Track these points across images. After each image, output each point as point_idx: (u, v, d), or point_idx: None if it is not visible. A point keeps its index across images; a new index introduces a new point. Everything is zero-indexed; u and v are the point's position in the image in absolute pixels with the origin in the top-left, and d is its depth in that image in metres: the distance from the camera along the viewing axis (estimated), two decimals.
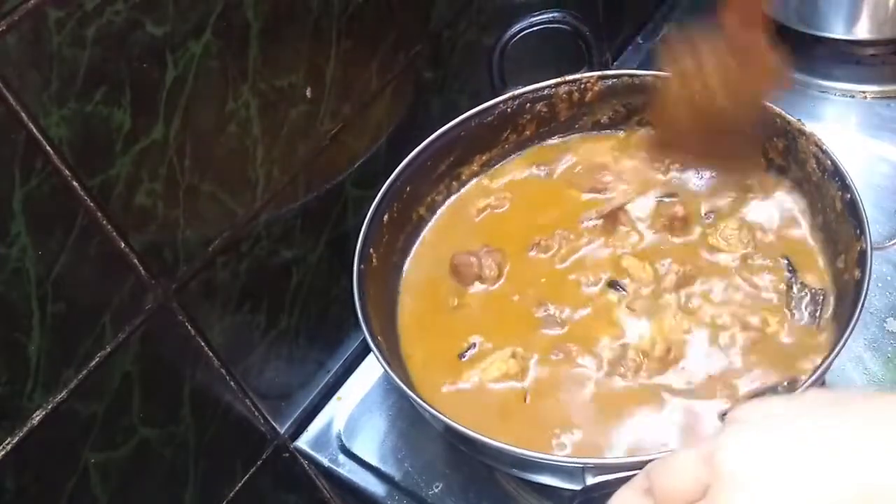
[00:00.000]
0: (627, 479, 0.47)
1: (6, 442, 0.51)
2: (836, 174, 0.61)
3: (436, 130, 0.69)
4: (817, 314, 0.60)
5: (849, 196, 0.59)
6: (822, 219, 0.64)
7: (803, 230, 0.65)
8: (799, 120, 0.64)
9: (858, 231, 0.58)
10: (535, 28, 0.72)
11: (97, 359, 0.54)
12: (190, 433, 0.62)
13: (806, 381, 0.55)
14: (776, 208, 0.67)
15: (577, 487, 0.51)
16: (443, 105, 0.76)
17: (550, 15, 0.72)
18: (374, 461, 0.70)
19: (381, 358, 0.57)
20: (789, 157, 0.66)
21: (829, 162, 0.62)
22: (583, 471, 0.51)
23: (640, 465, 0.47)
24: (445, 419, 0.54)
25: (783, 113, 0.65)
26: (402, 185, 0.68)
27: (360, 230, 0.64)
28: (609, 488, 0.48)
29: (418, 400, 0.56)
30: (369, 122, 0.69)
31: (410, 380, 0.61)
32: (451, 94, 0.76)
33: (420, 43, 0.71)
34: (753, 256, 0.64)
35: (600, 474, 0.50)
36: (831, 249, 0.63)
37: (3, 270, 0.47)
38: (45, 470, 0.54)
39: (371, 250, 0.64)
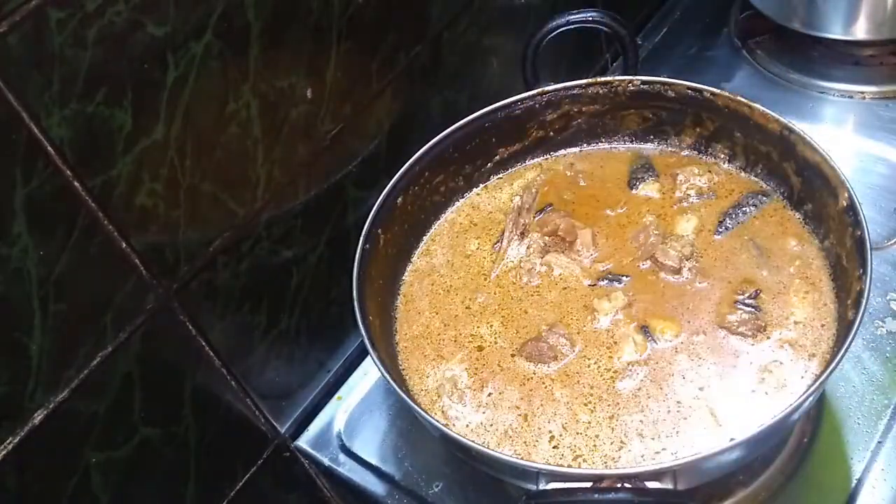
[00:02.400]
0: (578, 490, 0.50)
1: (7, 441, 0.51)
2: (833, 175, 0.61)
3: (436, 131, 0.69)
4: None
5: (846, 195, 0.60)
6: (820, 219, 0.64)
7: (801, 231, 0.66)
8: (791, 121, 0.64)
9: (857, 231, 0.58)
10: (570, 27, 0.72)
11: (98, 358, 0.54)
12: (191, 433, 0.63)
13: (810, 386, 0.55)
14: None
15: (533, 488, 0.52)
16: (443, 105, 0.76)
17: (588, 14, 0.72)
18: (374, 460, 0.70)
19: (380, 365, 0.57)
20: (783, 158, 0.66)
21: (823, 162, 0.62)
22: (537, 475, 0.52)
23: (594, 478, 0.50)
24: (442, 427, 0.54)
25: (774, 115, 0.65)
26: (420, 171, 0.68)
27: (360, 230, 0.64)
28: (557, 497, 0.51)
29: (416, 407, 0.56)
30: (369, 123, 0.69)
31: (408, 385, 0.62)
32: (450, 94, 0.76)
33: (420, 44, 0.71)
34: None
35: (553, 481, 0.51)
36: (831, 253, 0.63)
37: (4, 270, 0.47)
38: (46, 469, 0.54)
39: (379, 230, 0.65)
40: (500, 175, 0.74)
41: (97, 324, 0.53)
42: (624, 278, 0.65)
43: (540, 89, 0.71)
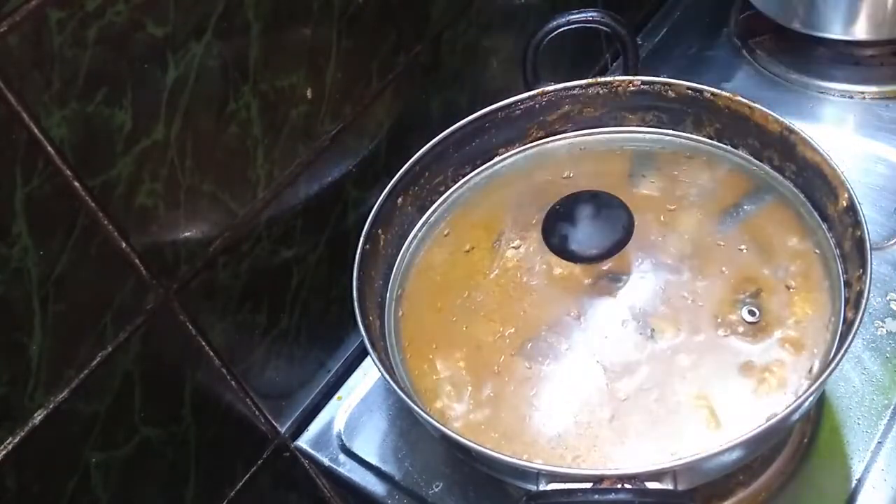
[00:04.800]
0: (578, 490, 0.50)
1: (7, 441, 0.51)
2: (833, 175, 0.61)
3: (436, 131, 0.69)
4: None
5: (846, 195, 0.60)
6: (820, 218, 0.64)
7: (802, 231, 0.66)
8: (791, 121, 0.64)
9: (857, 232, 0.58)
10: (570, 27, 0.72)
11: (98, 358, 0.54)
12: (191, 433, 0.63)
13: (810, 386, 0.55)
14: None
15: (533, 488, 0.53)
16: (443, 106, 0.76)
17: (588, 14, 0.72)
18: (374, 460, 0.70)
19: (380, 365, 0.57)
20: (784, 158, 0.66)
21: (824, 162, 0.62)
22: (537, 476, 0.52)
23: (594, 478, 0.50)
24: (442, 427, 0.54)
25: (775, 115, 0.65)
26: (420, 171, 0.68)
27: (360, 230, 0.64)
28: (557, 497, 0.51)
29: (415, 407, 0.56)
30: (369, 123, 0.69)
31: (408, 385, 0.62)
32: (450, 94, 0.76)
33: (420, 43, 0.71)
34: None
35: (553, 482, 0.51)
36: (831, 253, 0.63)
37: (4, 270, 0.47)
38: (46, 469, 0.54)
39: (379, 230, 0.65)
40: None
41: (97, 324, 0.54)
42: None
43: (540, 89, 0.71)
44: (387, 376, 0.56)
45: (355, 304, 0.60)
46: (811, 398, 0.53)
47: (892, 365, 0.67)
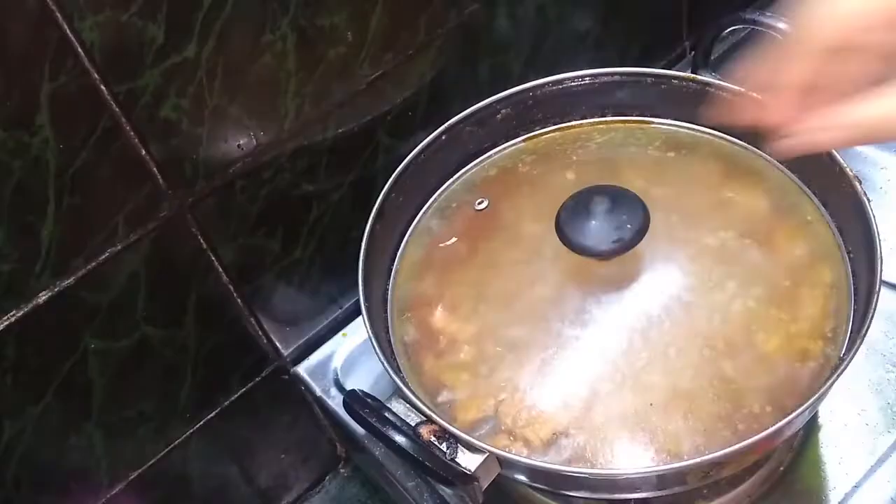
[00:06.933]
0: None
1: (11, 314, 0.55)
2: (840, 173, 0.60)
3: (482, 94, 0.69)
4: None
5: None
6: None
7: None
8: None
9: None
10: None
11: (107, 254, 0.57)
12: (191, 339, 0.66)
13: (808, 396, 0.54)
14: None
15: None
16: (493, 70, 0.75)
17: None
18: None
19: (377, 349, 0.59)
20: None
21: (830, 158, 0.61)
22: None
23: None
24: (438, 420, 0.55)
25: None
26: (447, 141, 0.68)
27: (387, 177, 0.65)
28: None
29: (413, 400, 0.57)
30: (411, 74, 0.69)
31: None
32: (503, 58, 0.76)
33: (476, 2, 0.70)
34: None
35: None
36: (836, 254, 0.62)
37: (24, 157, 0.50)
38: (45, 346, 0.58)
39: (401, 197, 0.66)
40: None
41: (109, 221, 0.57)
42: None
43: (554, 77, 0.70)
44: (385, 366, 0.58)
45: (360, 288, 0.61)
46: (809, 408, 0.53)
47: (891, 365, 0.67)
